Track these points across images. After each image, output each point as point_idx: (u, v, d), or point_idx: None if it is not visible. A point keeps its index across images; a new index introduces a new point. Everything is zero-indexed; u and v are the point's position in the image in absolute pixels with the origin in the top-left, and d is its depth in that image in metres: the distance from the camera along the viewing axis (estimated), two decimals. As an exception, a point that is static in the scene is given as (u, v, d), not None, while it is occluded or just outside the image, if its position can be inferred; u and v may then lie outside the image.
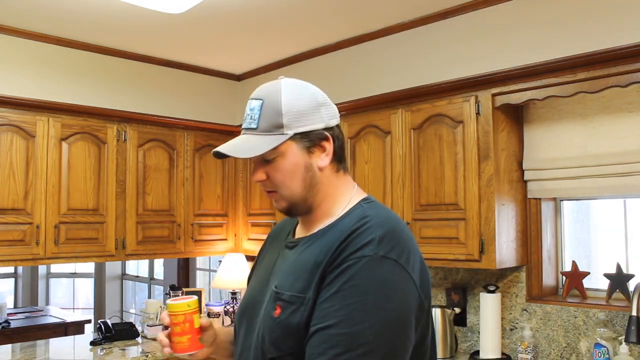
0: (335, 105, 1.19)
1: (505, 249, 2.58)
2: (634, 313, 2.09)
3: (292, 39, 3.32)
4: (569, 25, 2.37)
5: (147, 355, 3.02)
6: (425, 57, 2.90)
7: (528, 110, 2.73)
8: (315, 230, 1.15)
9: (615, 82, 2.21)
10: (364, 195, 1.18)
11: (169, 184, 3.63)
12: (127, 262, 7.55)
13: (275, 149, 1.10)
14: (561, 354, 2.56)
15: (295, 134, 1.10)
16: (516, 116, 2.72)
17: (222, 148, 1.12)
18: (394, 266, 1.00)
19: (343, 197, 1.16)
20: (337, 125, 1.17)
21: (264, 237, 4.23)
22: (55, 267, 7.92)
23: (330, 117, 1.15)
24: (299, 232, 1.22)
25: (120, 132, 3.42)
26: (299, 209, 1.16)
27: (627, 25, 2.19)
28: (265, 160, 1.12)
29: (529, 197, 2.73)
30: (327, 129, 1.14)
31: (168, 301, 1.21)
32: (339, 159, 1.17)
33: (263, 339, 1.08)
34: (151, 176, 3.54)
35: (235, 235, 3.95)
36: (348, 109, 3.17)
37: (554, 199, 2.78)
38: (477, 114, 2.59)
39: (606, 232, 2.76)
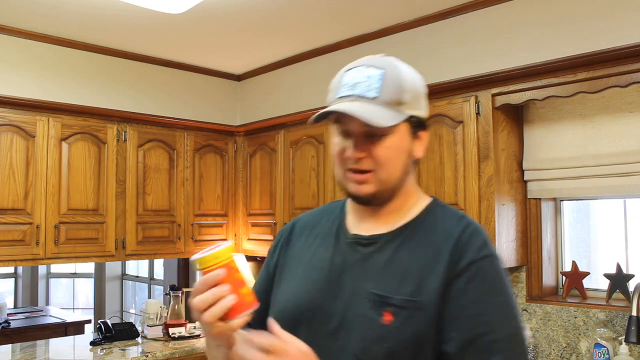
0: None
1: (505, 249, 2.58)
2: (634, 313, 2.09)
3: (292, 39, 3.32)
4: (569, 25, 2.37)
5: (147, 356, 3.02)
6: (425, 57, 2.90)
7: (528, 110, 2.73)
8: (390, 225, 1.07)
9: (615, 82, 2.21)
10: (426, 195, 1.14)
11: (169, 184, 3.63)
12: (127, 262, 7.55)
13: (395, 125, 1.00)
14: (561, 354, 2.56)
15: (410, 116, 1.03)
16: (516, 116, 2.72)
17: (342, 108, 0.99)
18: (502, 263, 1.03)
19: (414, 194, 1.11)
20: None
21: (264, 237, 4.21)
22: (55, 267, 7.92)
23: (428, 108, 1.09)
24: (362, 228, 1.09)
25: (120, 132, 3.42)
26: (383, 197, 1.05)
27: (627, 25, 2.19)
28: (370, 136, 1.01)
29: (529, 197, 2.73)
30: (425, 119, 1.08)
31: (201, 255, 0.92)
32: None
33: (365, 350, 0.97)
34: (151, 176, 3.54)
35: (235, 235, 3.95)
36: (348, 109, 3.17)
37: (554, 199, 2.78)
38: (477, 114, 2.59)
39: (606, 232, 2.76)
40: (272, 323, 0.93)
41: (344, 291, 1.03)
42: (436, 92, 2.76)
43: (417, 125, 1.05)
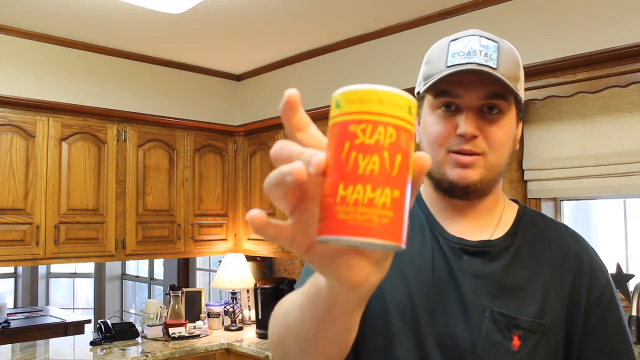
0: None
1: (505, 249, 2.58)
2: (634, 313, 2.09)
3: (292, 39, 3.32)
4: (569, 25, 2.37)
5: (147, 356, 3.02)
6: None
7: (528, 110, 2.73)
8: (489, 228, 0.93)
9: (615, 82, 2.21)
10: (510, 198, 1.03)
11: (169, 184, 3.63)
12: (127, 262, 7.55)
13: (510, 101, 0.87)
14: (561, 354, 2.55)
15: (518, 98, 0.89)
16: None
17: (472, 67, 0.84)
18: None
19: (500, 192, 0.99)
20: None
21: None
22: (55, 267, 7.92)
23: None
24: (459, 228, 0.93)
25: (120, 132, 3.42)
26: (485, 188, 0.90)
27: (627, 25, 2.19)
28: (483, 113, 0.86)
29: (529, 197, 2.73)
30: None
31: (351, 88, 0.46)
32: None
33: None
34: (151, 176, 3.54)
35: (235, 235, 3.94)
36: (348, 109, 3.17)
37: (554, 199, 2.78)
38: (477, 114, 2.59)
39: (606, 232, 2.76)
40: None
41: (454, 304, 0.87)
42: (436, 92, 2.76)
43: (520, 109, 0.91)
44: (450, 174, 0.88)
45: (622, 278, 2.45)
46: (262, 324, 3.55)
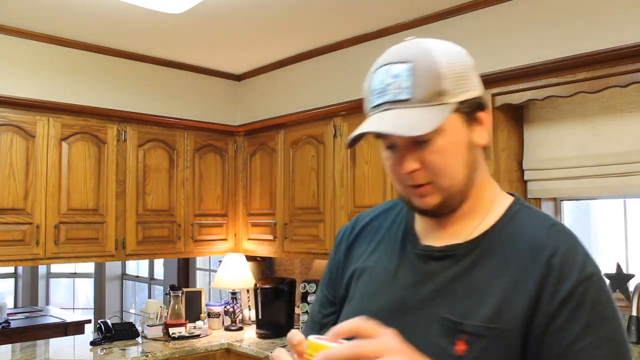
0: None
1: (505, 249, 2.58)
2: (634, 313, 2.09)
3: (292, 39, 3.32)
4: (569, 25, 2.37)
5: (147, 356, 3.02)
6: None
7: (528, 110, 2.73)
8: (465, 233, 0.91)
9: (615, 82, 2.21)
10: (505, 193, 0.97)
11: (169, 184, 3.63)
12: (127, 262, 7.55)
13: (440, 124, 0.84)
14: (561, 354, 2.55)
15: (459, 103, 0.85)
16: (516, 116, 2.72)
17: (376, 127, 0.84)
18: (605, 281, 0.86)
19: (490, 190, 0.94)
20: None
21: (264, 237, 4.19)
22: (55, 267, 7.92)
23: (480, 81, 0.90)
24: (432, 236, 0.94)
25: (120, 132, 3.42)
26: (453, 204, 0.89)
27: (627, 25, 2.19)
28: (417, 143, 0.85)
29: (529, 197, 2.73)
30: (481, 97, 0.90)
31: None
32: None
33: None
34: (151, 176, 3.54)
35: (235, 235, 3.94)
36: (348, 109, 3.17)
37: (554, 199, 2.78)
38: (477, 114, 2.59)
39: (606, 232, 2.76)
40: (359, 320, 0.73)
41: (411, 313, 0.89)
42: (436, 92, 2.76)
43: (470, 109, 0.87)
44: (415, 203, 0.90)
45: (622, 278, 2.45)
46: (262, 324, 3.55)
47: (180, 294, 3.59)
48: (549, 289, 0.81)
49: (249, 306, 3.94)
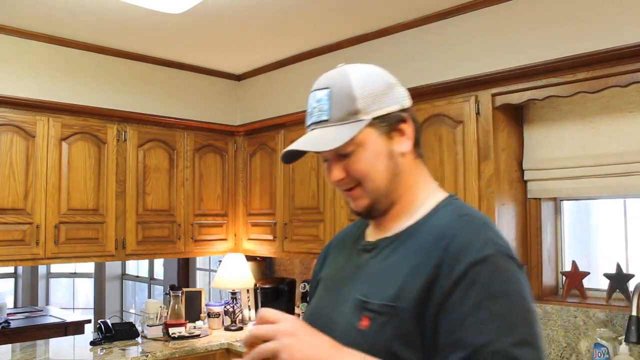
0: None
1: (505, 249, 2.58)
2: (634, 313, 2.09)
3: (292, 39, 3.32)
4: (569, 25, 2.37)
5: (147, 355, 3.02)
6: (425, 57, 2.90)
7: (528, 110, 2.73)
8: (395, 229, 1.04)
9: (615, 82, 2.21)
10: (444, 192, 1.08)
11: (169, 184, 3.63)
12: (127, 262, 7.55)
13: (353, 139, 0.98)
14: (561, 354, 2.56)
15: (373, 119, 1.00)
16: (516, 116, 2.72)
17: (295, 145, 1.00)
18: (514, 263, 0.93)
19: (422, 191, 1.06)
20: (411, 107, 1.08)
21: (264, 237, 4.21)
22: (55, 267, 7.92)
23: (403, 97, 1.06)
24: (373, 234, 1.09)
25: (120, 132, 3.42)
26: (381, 206, 1.03)
27: (627, 25, 2.19)
28: (341, 155, 1.01)
29: (529, 197, 2.73)
30: (402, 110, 1.04)
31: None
32: (416, 144, 1.06)
33: None
34: (151, 176, 3.54)
35: (235, 235, 3.95)
36: (348, 109, 3.17)
37: (554, 199, 2.78)
38: (477, 113, 2.59)
39: (606, 232, 2.76)
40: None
41: (341, 296, 1.04)
42: (436, 91, 2.76)
43: (388, 123, 1.02)
44: (351, 205, 1.07)
45: (622, 278, 2.45)
46: (262, 324, 3.54)
47: (180, 294, 3.59)
48: (444, 271, 0.90)
49: (248, 306, 3.94)
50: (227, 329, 3.69)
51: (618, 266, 2.47)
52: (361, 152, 1.00)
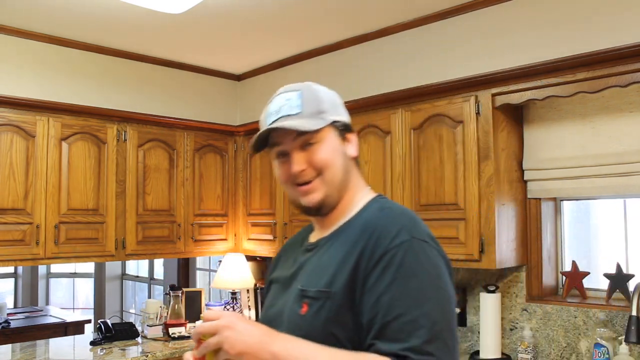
0: None
1: (505, 249, 2.58)
2: (634, 313, 2.09)
3: (292, 39, 3.32)
4: (569, 25, 2.37)
5: (147, 355, 3.02)
6: (425, 57, 2.90)
7: (528, 110, 2.73)
8: (333, 228, 1.18)
9: (615, 82, 2.21)
10: (374, 193, 1.23)
11: (169, 184, 3.63)
12: (127, 262, 7.55)
13: (319, 131, 1.13)
14: (561, 354, 2.56)
15: (334, 121, 1.17)
16: (516, 116, 2.72)
17: (275, 124, 1.13)
18: (430, 247, 1.05)
19: (359, 192, 1.21)
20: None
21: (264, 237, 4.21)
22: (55, 267, 7.92)
23: (348, 116, 1.24)
24: (316, 236, 1.24)
25: (120, 132, 3.42)
26: (331, 200, 1.16)
27: (627, 25, 2.19)
28: (303, 147, 1.14)
29: (529, 197, 2.73)
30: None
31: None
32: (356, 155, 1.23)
33: None
34: (151, 176, 3.54)
35: (235, 235, 3.95)
36: (348, 109, 3.15)
37: (554, 199, 2.78)
38: (477, 114, 2.59)
39: (606, 232, 2.76)
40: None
41: (287, 290, 1.19)
42: (436, 91, 2.76)
43: (342, 128, 1.19)
44: (303, 201, 1.17)
45: (622, 278, 2.46)
46: (262, 324, 3.54)
47: (180, 294, 3.59)
48: (366, 257, 1.04)
49: (248, 306, 3.94)
50: (227, 329, 3.68)
51: (618, 266, 2.47)
52: (324, 144, 1.14)
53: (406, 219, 1.08)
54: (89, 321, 5.30)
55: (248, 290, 3.90)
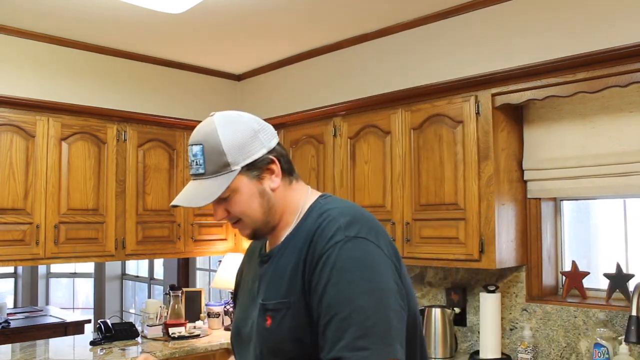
0: (270, 125, 1.23)
1: (505, 249, 2.58)
2: (634, 313, 2.09)
3: (292, 39, 3.32)
4: (568, 25, 2.38)
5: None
6: (425, 57, 2.90)
7: (528, 110, 2.73)
8: (282, 239, 1.21)
9: (615, 82, 2.21)
10: (318, 193, 1.25)
11: (169, 184, 3.63)
12: (127, 262, 7.55)
13: (228, 187, 1.14)
14: (561, 354, 2.56)
15: (242, 168, 1.15)
16: (516, 116, 2.72)
17: (178, 201, 1.17)
18: (366, 243, 1.07)
19: (298, 204, 1.22)
20: (278, 143, 1.22)
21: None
22: (55, 267, 7.92)
23: (269, 139, 1.19)
24: (269, 245, 1.27)
25: (120, 132, 3.42)
26: (263, 232, 1.21)
27: (627, 25, 2.19)
28: (222, 199, 1.16)
29: (529, 197, 2.73)
30: (270, 151, 1.18)
31: None
32: (288, 172, 1.22)
33: (261, 351, 1.13)
34: (151, 176, 3.54)
35: (235, 235, 3.94)
36: (348, 109, 3.17)
37: (554, 199, 2.78)
38: (477, 113, 2.59)
39: (606, 232, 2.76)
40: None
41: (251, 304, 1.22)
42: (436, 92, 2.76)
43: (257, 167, 1.17)
44: (240, 233, 1.24)
45: (622, 278, 2.46)
46: (262, 324, 3.54)
47: (180, 294, 3.59)
48: (309, 261, 1.09)
49: (248, 306, 3.93)
50: (227, 329, 3.69)
51: (618, 266, 2.47)
52: (237, 196, 1.16)
53: (343, 219, 1.10)
54: (88, 321, 5.30)
55: (248, 290, 3.90)
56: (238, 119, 1.19)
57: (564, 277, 2.69)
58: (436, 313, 2.74)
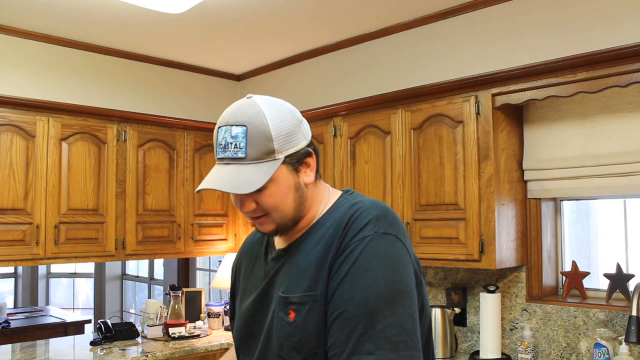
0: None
1: (505, 249, 2.58)
2: (634, 313, 2.09)
3: (292, 39, 3.32)
4: (569, 25, 2.38)
5: (147, 355, 3.02)
6: (425, 57, 2.90)
7: (528, 110, 2.73)
8: (299, 234, 1.15)
9: (615, 82, 2.21)
10: (339, 191, 1.20)
11: (169, 184, 3.63)
12: (127, 262, 7.55)
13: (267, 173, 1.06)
14: (561, 354, 2.56)
15: (286, 157, 1.08)
16: (516, 116, 2.72)
17: (212, 184, 1.05)
18: (395, 240, 1.04)
19: (320, 204, 1.17)
20: (312, 137, 1.17)
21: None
22: (55, 267, 7.92)
23: (308, 131, 1.15)
24: (281, 241, 1.19)
25: (120, 132, 3.42)
26: (287, 228, 1.13)
27: (627, 25, 2.20)
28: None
29: (529, 197, 2.73)
30: (308, 144, 1.13)
31: None
32: (317, 169, 1.17)
33: (281, 347, 1.06)
34: (151, 176, 3.54)
35: (235, 235, 3.95)
36: (348, 109, 3.17)
37: (554, 199, 2.78)
38: (477, 114, 2.59)
39: (606, 232, 2.76)
40: None
41: (265, 298, 1.15)
42: (436, 92, 2.76)
43: (297, 159, 1.10)
44: (258, 228, 1.16)
45: (622, 278, 2.46)
46: (262, 324, 3.54)
47: (180, 294, 3.59)
48: (336, 249, 1.04)
49: (249, 306, 3.93)
50: (227, 329, 3.69)
51: (618, 266, 2.47)
52: (273, 187, 1.07)
53: (375, 211, 1.06)
54: (89, 321, 5.30)
55: (248, 290, 3.90)
56: (283, 105, 1.11)
57: (564, 277, 2.69)
58: (436, 313, 2.74)
